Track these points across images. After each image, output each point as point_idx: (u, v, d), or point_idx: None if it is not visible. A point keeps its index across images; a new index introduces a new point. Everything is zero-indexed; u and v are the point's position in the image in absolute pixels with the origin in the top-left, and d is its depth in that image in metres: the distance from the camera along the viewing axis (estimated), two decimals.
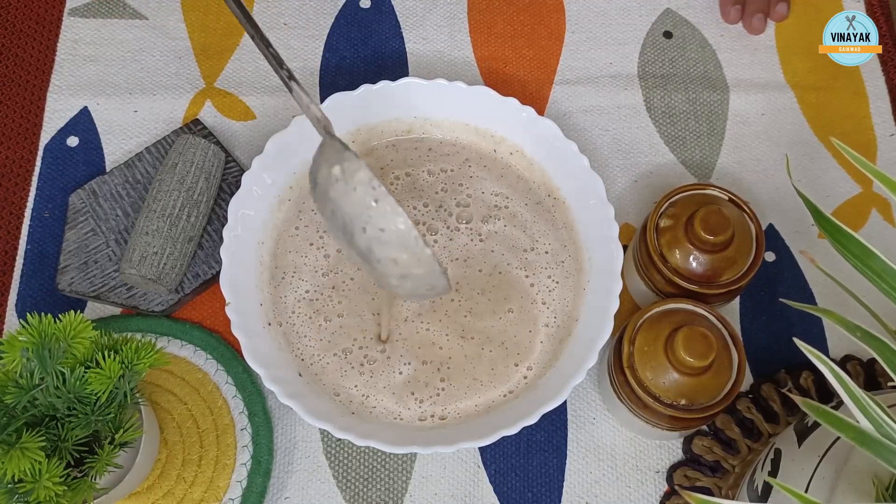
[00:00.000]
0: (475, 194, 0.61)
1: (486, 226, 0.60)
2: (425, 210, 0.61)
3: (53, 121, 0.68)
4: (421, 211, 0.61)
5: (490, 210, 0.61)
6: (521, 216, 0.61)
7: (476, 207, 0.61)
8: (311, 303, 0.58)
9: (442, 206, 0.61)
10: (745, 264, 0.56)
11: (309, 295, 0.58)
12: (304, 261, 0.59)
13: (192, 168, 0.61)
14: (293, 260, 0.59)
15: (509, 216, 0.61)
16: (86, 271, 0.61)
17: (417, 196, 0.61)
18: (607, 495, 0.57)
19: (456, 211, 0.61)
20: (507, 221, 0.60)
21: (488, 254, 0.60)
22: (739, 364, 0.52)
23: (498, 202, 0.61)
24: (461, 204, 0.61)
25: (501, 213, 0.61)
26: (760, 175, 0.68)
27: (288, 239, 0.59)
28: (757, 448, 0.58)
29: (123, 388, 0.46)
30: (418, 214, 0.61)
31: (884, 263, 0.40)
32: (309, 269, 0.59)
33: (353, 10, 0.74)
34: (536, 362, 0.57)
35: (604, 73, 0.72)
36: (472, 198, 0.61)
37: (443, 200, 0.61)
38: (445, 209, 0.61)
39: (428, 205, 0.61)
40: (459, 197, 0.61)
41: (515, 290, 0.59)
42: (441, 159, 0.62)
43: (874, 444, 0.35)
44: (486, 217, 0.61)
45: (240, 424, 0.57)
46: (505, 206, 0.61)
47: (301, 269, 0.59)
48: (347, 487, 0.57)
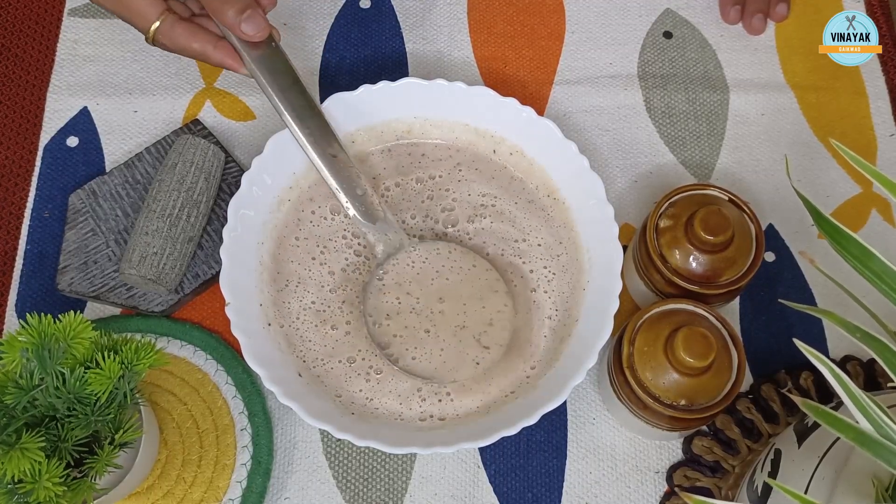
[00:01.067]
0: (460, 197, 0.62)
1: (472, 225, 0.61)
2: (413, 222, 0.61)
3: (53, 121, 0.68)
4: (409, 224, 0.61)
5: (476, 210, 0.61)
6: (508, 213, 0.61)
7: (461, 209, 0.61)
8: (318, 313, 0.58)
9: (428, 216, 0.61)
10: (745, 265, 0.56)
11: (315, 306, 0.58)
12: (308, 274, 0.59)
13: (191, 168, 0.61)
14: (296, 270, 0.59)
15: (496, 213, 0.61)
16: (85, 271, 0.61)
17: (406, 208, 0.61)
18: (607, 495, 0.57)
19: (441, 217, 0.61)
20: (493, 218, 0.61)
21: (480, 249, 0.60)
22: (739, 364, 0.52)
23: (484, 202, 0.61)
24: (446, 209, 0.61)
25: (487, 211, 0.61)
26: (760, 175, 0.68)
27: (289, 248, 0.59)
28: (757, 448, 0.58)
29: (123, 389, 0.46)
30: (406, 228, 0.61)
31: (883, 264, 0.40)
32: (314, 284, 0.59)
33: (353, 11, 0.74)
34: (540, 360, 0.57)
35: (604, 74, 0.72)
36: (456, 201, 0.61)
37: (429, 209, 0.61)
38: (431, 217, 0.61)
39: (415, 216, 0.61)
40: (444, 202, 0.61)
41: (514, 275, 0.59)
42: (433, 165, 0.63)
43: (874, 445, 0.35)
44: (471, 217, 0.61)
45: (240, 425, 0.57)
46: (491, 204, 0.61)
47: (306, 281, 0.59)
48: (347, 487, 0.57)
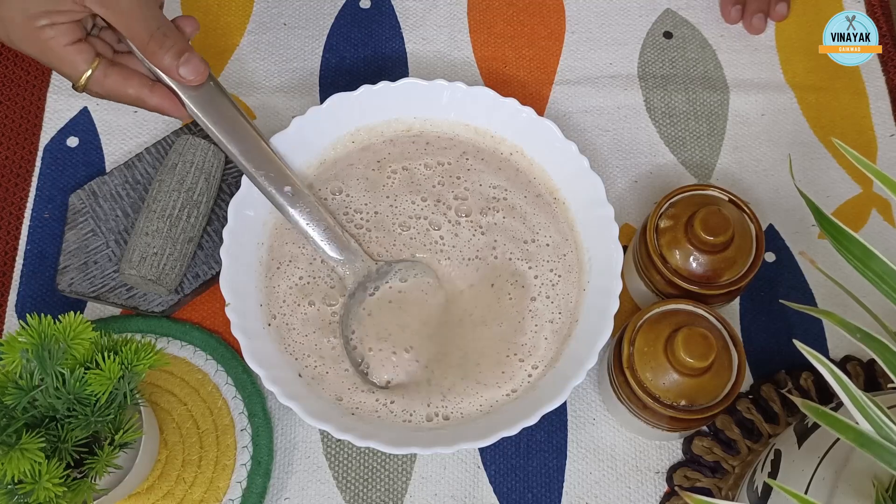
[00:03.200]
0: (472, 187, 0.61)
1: (486, 218, 0.60)
2: (424, 205, 0.61)
3: (53, 121, 0.68)
4: (419, 206, 0.61)
5: (488, 202, 0.61)
6: (519, 208, 0.61)
7: (474, 200, 0.61)
8: (303, 288, 0.58)
9: (440, 201, 0.61)
10: (745, 265, 0.56)
11: (302, 281, 0.58)
12: (301, 251, 0.59)
13: (191, 168, 0.61)
14: (290, 250, 0.59)
15: (507, 208, 0.61)
16: (86, 272, 0.61)
17: (415, 191, 0.61)
18: (607, 496, 0.57)
19: (455, 204, 0.61)
20: (505, 213, 0.60)
21: (490, 248, 0.59)
22: (739, 365, 0.52)
23: (496, 194, 0.61)
24: (459, 197, 0.61)
25: (500, 204, 0.61)
26: (760, 175, 0.68)
27: (285, 232, 0.59)
28: (757, 449, 0.58)
29: (123, 389, 0.46)
30: (417, 209, 0.60)
31: (885, 265, 0.40)
32: (305, 259, 0.59)
33: (353, 11, 0.73)
34: (542, 360, 0.57)
35: (604, 74, 0.72)
36: (469, 191, 0.61)
37: (440, 194, 0.61)
38: (444, 202, 0.61)
39: (426, 199, 0.61)
40: (457, 190, 0.61)
41: (515, 285, 0.58)
42: (439, 153, 0.62)
43: (874, 446, 0.35)
44: (483, 209, 0.60)
45: (240, 425, 0.57)
46: (503, 197, 0.61)
47: (297, 258, 0.59)
48: (347, 488, 0.57)
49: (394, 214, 0.60)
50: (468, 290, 0.59)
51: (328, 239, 0.58)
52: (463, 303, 0.58)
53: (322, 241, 0.58)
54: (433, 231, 0.60)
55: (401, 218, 0.60)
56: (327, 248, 0.58)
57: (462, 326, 0.58)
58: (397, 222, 0.60)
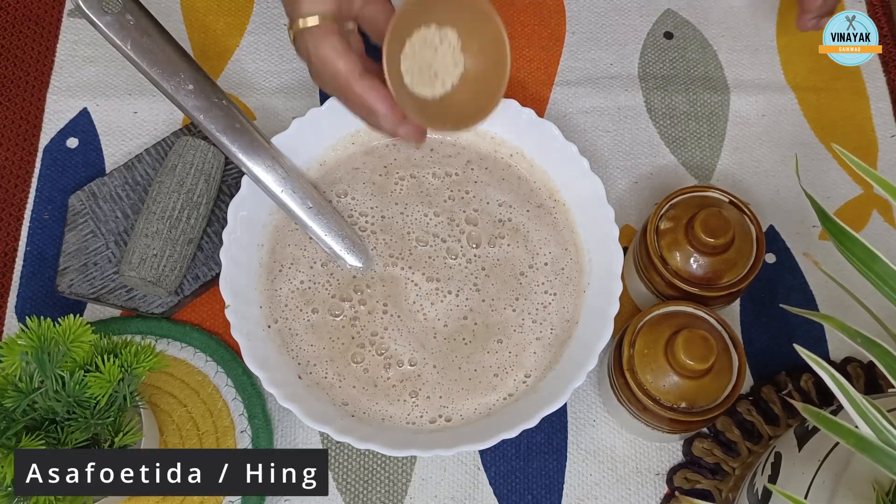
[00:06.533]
0: (482, 207, 0.61)
1: (493, 249, 0.60)
2: (437, 220, 0.60)
3: (53, 122, 0.68)
4: (433, 221, 0.60)
5: (496, 227, 0.60)
6: (523, 228, 0.60)
7: (484, 224, 0.60)
8: (303, 293, 0.58)
9: (452, 220, 0.60)
10: (746, 266, 0.56)
11: (304, 285, 0.58)
12: (302, 253, 0.59)
13: (191, 170, 0.61)
14: (291, 252, 0.59)
15: (513, 231, 0.60)
16: (85, 273, 0.61)
17: (427, 202, 0.61)
18: (607, 497, 0.57)
19: (467, 230, 0.60)
20: (510, 239, 0.60)
21: (489, 287, 0.59)
22: (740, 366, 0.52)
23: (502, 214, 0.61)
24: (470, 221, 0.60)
25: (506, 228, 0.60)
26: (761, 177, 0.68)
27: (287, 234, 0.59)
28: (757, 450, 0.58)
29: (123, 392, 0.46)
30: (431, 226, 0.60)
31: (887, 266, 0.40)
32: (307, 262, 0.59)
33: None
34: (535, 368, 0.57)
35: (604, 75, 0.71)
36: (478, 212, 0.61)
37: (452, 212, 0.61)
38: (457, 224, 0.60)
39: (439, 214, 0.61)
40: (468, 210, 0.61)
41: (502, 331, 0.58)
42: (444, 161, 0.62)
43: (874, 451, 0.35)
44: (492, 238, 0.60)
45: (240, 426, 0.57)
46: (508, 219, 0.60)
47: (299, 260, 0.59)
48: (347, 489, 0.57)
49: (405, 223, 0.60)
50: (455, 323, 0.58)
51: (350, 246, 0.58)
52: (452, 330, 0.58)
53: (342, 251, 0.58)
54: (450, 259, 0.59)
55: (416, 233, 0.60)
56: (351, 259, 0.58)
57: (454, 341, 0.58)
58: (413, 237, 0.60)
